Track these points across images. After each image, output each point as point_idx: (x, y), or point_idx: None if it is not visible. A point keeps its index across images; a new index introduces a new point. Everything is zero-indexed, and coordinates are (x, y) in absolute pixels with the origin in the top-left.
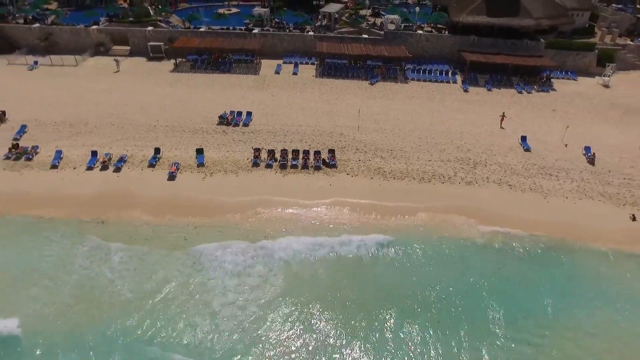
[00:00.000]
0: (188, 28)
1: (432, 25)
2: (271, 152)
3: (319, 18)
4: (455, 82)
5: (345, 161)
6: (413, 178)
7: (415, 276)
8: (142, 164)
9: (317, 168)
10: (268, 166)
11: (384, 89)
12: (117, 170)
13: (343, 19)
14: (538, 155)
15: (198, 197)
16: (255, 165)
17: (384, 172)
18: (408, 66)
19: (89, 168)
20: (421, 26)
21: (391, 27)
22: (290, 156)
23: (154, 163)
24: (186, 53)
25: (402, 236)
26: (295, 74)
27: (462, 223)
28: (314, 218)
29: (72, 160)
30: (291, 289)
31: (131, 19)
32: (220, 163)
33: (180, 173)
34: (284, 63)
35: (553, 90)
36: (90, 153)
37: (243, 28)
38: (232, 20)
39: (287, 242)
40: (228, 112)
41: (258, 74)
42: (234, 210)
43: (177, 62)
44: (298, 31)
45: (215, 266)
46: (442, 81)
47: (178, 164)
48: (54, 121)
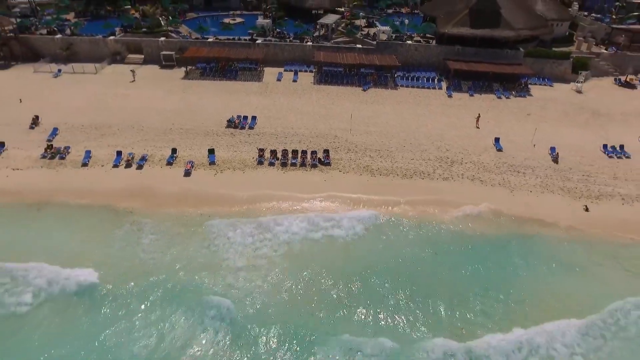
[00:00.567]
0: (197, 38)
1: (422, 35)
2: (273, 152)
3: (317, 28)
4: (440, 88)
5: (338, 160)
6: (397, 174)
7: (394, 254)
8: (161, 162)
9: (314, 166)
10: (271, 164)
11: (375, 95)
12: (140, 167)
13: (339, 29)
14: (509, 154)
15: (210, 191)
16: (259, 163)
17: (372, 170)
18: (398, 73)
19: (115, 166)
20: (411, 36)
21: (383, 38)
22: (290, 155)
23: (172, 161)
24: (196, 61)
25: (385, 223)
26: (295, 81)
27: (437, 212)
28: (310, 208)
29: (100, 159)
30: (290, 261)
31: (144, 30)
32: (229, 161)
33: (194, 170)
34: (285, 71)
35: (530, 95)
36: (115, 153)
37: (247, 38)
38: (238, 30)
39: (288, 226)
40: (235, 116)
41: (261, 81)
42: (242, 202)
43: (188, 70)
44: (298, 41)
45: (225, 242)
46: (429, 87)
47: (192, 162)
48: (82, 124)
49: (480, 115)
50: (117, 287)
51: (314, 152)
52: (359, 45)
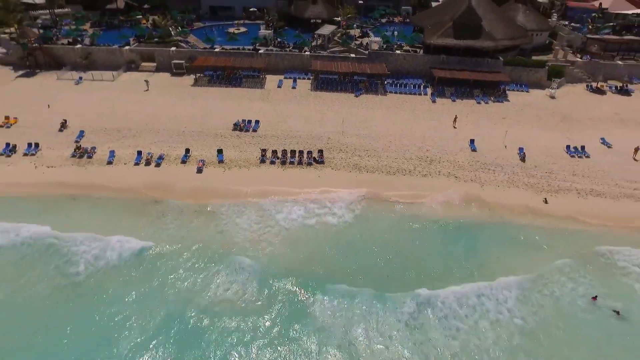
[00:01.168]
0: (205, 48)
1: (410, 45)
2: (274, 152)
3: (315, 38)
4: (426, 94)
5: (331, 159)
6: (382, 172)
7: (377, 232)
8: (176, 161)
9: (309, 164)
10: (272, 162)
11: (366, 101)
12: (158, 165)
13: (335, 39)
14: (482, 154)
15: (220, 186)
16: (262, 161)
17: (360, 167)
18: (387, 81)
19: (136, 164)
20: (401, 46)
21: (375, 47)
22: (289, 155)
23: (185, 160)
24: (204, 69)
25: (370, 211)
26: (294, 88)
27: (414, 204)
28: (306, 200)
29: (123, 158)
30: (290, 240)
31: (156, 40)
32: (235, 160)
33: (205, 168)
34: (285, 78)
35: (507, 100)
36: (136, 152)
37: (251, 48)
38: (242, 40)
39: (287, 214)
40: (241, 120)
41: (263, 88)
42: (247, 194)
43: (197, 77)
44: (297, 51)
45: (235, 225)
46: (415, 94)
47: (204, 161)
48: (104, 127)
49: (457, 116)
50: (161, 250)
51: (310, 152)
52: (353, 54)
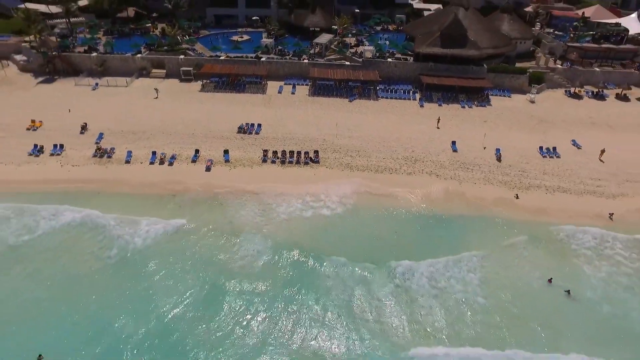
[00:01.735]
0: (211, 56)
1: (402, 53)
2: (275, 152)
3: (313, 46)
4: (415, 99)
5: (325, 159)
6: (371, 170)
7: (366, 221)
8: (187, 160)
9: (306, 163)
10: (273, 162)
11: (360, 105)
12: (171, 164)
13: (332, 47)
14: (462, 154)
15: (226, 183)
16: (264, 161)
17: (351, 166)
18: (379, 87)
19: (151, 163)
20: (393, 53)
21: (368, 56)
22: (288, 155)
23: (195, 160)
24: (210, 76)
25: (360, 204)
26: (293, 94)
27: (399, 198)
28: (303, 195)
29: (139, 157)
30: (288, 230)
31: (166, 48)
32: (240, 160)
33: (213, 166)
34: (285, 84)
35: (489, 105)
36: (151, 153)
37: (253, 56)
38: (245, 48)
39: (286, 206)
40: (244, 124)
41: (265, 93)
42: (250, 190)
43: (204, 83)
44: (296, 58)
45: (242, 215)
46: (405, 99)
47: (212, 160)
48: (121, 130)
49: (440, 118)
50: (195, 226)
51: (307, 153)
52: (348, 62)
